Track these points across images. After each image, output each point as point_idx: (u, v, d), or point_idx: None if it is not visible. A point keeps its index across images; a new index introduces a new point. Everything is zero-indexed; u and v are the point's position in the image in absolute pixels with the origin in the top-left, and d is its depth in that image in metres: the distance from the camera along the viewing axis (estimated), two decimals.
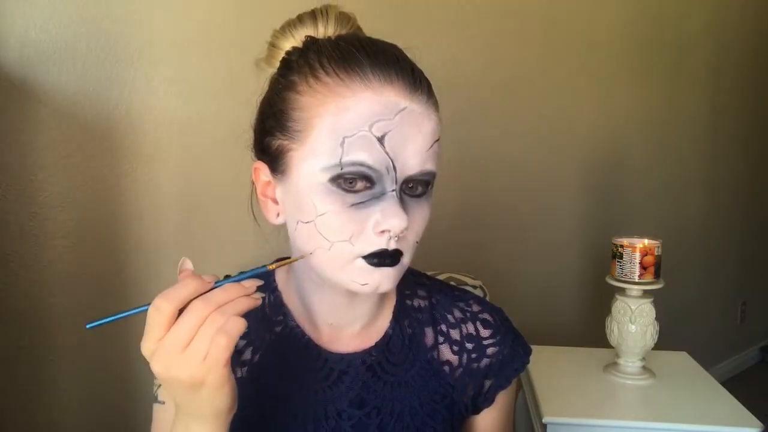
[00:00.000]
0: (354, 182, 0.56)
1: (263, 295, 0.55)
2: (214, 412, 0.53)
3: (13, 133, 1.05)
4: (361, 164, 0.55)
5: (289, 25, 0.64)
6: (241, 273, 0.56)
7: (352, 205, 0.56)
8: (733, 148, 2.86)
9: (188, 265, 0.54)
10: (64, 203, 1.11)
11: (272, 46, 0.65)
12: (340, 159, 0.55)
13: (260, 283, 0.54)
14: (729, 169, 2.86)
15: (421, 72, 0.61)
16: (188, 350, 0.50)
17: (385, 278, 0.59)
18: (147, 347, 0.51)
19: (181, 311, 0.50)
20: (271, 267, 0.58)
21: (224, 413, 0.54)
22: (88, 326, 0.53)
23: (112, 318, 0.53)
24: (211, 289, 0.52)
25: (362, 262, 0.57)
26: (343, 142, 0.55)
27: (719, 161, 2.79)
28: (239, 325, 0.50)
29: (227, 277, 0.55)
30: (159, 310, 0.50)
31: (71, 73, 1.09)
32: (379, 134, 0.55)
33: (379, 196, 0.56)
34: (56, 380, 1.13)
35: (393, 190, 0.56)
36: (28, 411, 1.11)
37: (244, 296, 0.52)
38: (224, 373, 0.51)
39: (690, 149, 2.62)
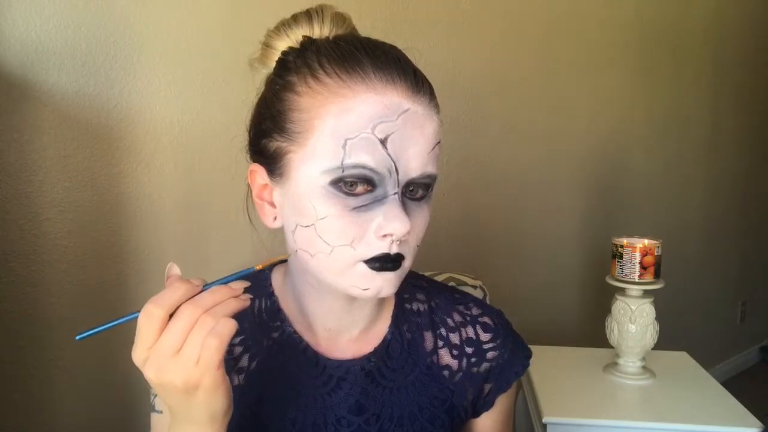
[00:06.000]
0: (355, 185, 0.55)
1: (251, 296, 0.54)
2: (210, 415, 0.53)
3: (13, 133, 1.05)
4: (363, 167, 0.54)
5: (284, 25, 0.63)
6: (229, 276, 0.55)
7: (354, 208, 0.55)
8: (733, 148, 2.86)
9: (175, 270, 0.53)
10: (64, 203, 1.11)
11: (266, 46, 0.64)
12: (342, 161, 0.54)
13: (247, 284, 0.54)
14: (729, 169, 2.86)
15: (422, 73, 0.60)
16: (180, 355, 0.49)
17: (387, 283, 0.58)
18: (138, 355, 0.51)
19: (171, 316, 0.50)
20: (258, 267, 0.57)
21: (220, 416, 0.54)
22: (77, 338, 0.53)
23: (102, 328, 0.53)
24: (200, 292, 0.52)
25: (364, 267, 0.57)
26: (345, 144, 0.54)
27: (719, 161, 2.79)
28: (230, 327, 0.50)
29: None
30: (151, 316, 0.50)
31: (71, 73, 1.09)
32: (381, 136, 0.54)
33: (381, 200, 0.56)
34: (56, 380, 1.13)
35: (395, 194, 0.56)
36: (28, 411, 1.11)
37: (232, 298, 0.52)
38: (218, 375, 0.51)
39: (690, 149, 2.62)
